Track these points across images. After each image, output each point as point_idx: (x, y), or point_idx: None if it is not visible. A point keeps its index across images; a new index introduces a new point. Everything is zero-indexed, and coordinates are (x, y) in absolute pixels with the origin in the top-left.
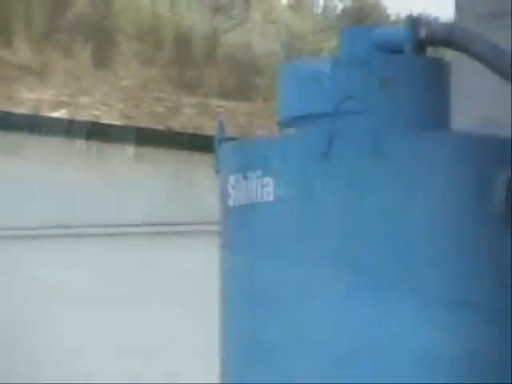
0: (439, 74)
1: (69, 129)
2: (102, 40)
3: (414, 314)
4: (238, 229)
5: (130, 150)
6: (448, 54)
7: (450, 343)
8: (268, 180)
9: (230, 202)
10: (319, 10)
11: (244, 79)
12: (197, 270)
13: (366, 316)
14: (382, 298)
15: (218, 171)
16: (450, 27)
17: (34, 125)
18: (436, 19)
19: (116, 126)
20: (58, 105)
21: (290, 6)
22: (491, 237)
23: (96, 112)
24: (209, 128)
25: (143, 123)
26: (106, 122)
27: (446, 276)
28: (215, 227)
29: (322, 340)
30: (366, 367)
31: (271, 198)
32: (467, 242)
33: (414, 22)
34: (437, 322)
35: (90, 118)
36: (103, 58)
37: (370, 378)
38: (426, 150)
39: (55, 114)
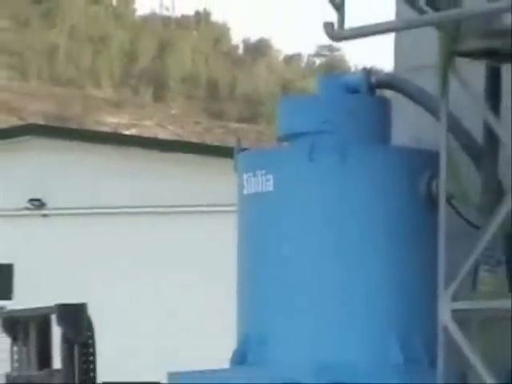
0: (384, 107)
1: (137, 141)
2: (158, 83)
3: (363, 269)
4: (250, 209)
5: (175, 155)
6: (388, 94)
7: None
8: (269, 176)
9: (245, 191)
10: (303, 64)
11: (253, 109)
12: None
13: (335, 270)
14: (346, 259)
15: (236, 170)
16: (391, 76)
17: (114, 139)
18: (381, 71)
19: (167, 140)
20: (131, 126)
21: (284, 60)
22: (418, 215)
23: (155, 131)
24: (230, 142)
25: (186, 138)
26: (163, 137)
27: (387, 244)
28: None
29: (308, 284)
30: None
31: (272, 189)
32: (402, 217)
33: (367, 72)
34: (378, 273)
35: (151, 135)
36: (159, 95)
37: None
38: (376, 158)
39: (128, 132)
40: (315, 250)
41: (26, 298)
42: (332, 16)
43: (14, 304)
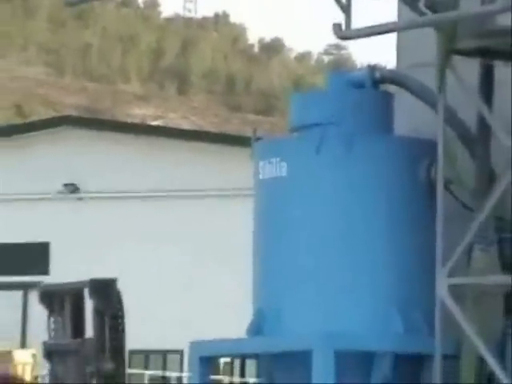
0: (387, 100)
1: (163, 131)
2: (182, 78)
3: (366, 249)
4: (265, 192)
5: (197, 144)
6: (391, 88)
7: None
8: (283, 163)
9: (260, 176)
10: (313, 61)
11: (268, 103)
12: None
13: (343, 250)
14: (352, 239)
15: (252, 158)
16: (393, 72)
17: (142, 129)
18: (384, 67)
19: (190, 130)
20: (157, 118)
21: (295, 58)
22: (418, 199)
23: (179, 122)
24: (247, 132)
25: (207, 129)
26: (185, 127)
27: (390, 225)
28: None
29: (318, 262)
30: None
31: (285, 174)
32: (404, 201)
33: (371, 69)
34: (380, 257)
35: (176, 126)
36: (183, 89)
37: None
38: (380, 147)
39: (155, 123)
40: (324, 231)
41: (61, 273)
42: (339, 17)
43: (51, 279)
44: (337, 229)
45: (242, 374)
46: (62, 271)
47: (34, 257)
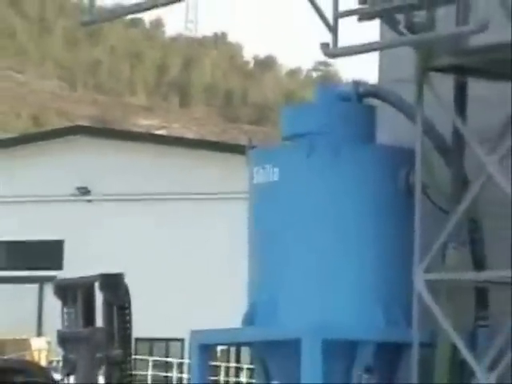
0: (370, 113)
1: (167, 140)
2: (184, 92)
3: (348, 249)
4: (259, 195)
5: (196, 151)
6: (374, 102)
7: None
8: (276, 169)
9: (255, 181)
10: (303, 76)
11: (261, 114)
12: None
13: (330, 249)
14: (339, 239)
15: (247, 164)
16: (375, 87)
17: (147, 138)
18: (368, 82)
19: (189, 138)
20: (161, 127)
21: (287, 73)
22: (398, 203)
23: (181, 131)
24: (242, 140)
25: (207, 138)
26: (188, 137)
27: (374, 226)
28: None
29: (307, 259)
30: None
31: (277, 179)
32: (385, 204)
33: (356, 84)
34: (362, 253)
35: (178, 135)
36: (184, 102)
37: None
38: (363, 155)
39: (159, 132)
40: (313, 231)
41: (73, 268)
42: (327, 37)
43: (64, 273)
44: (325, 229)
45: (238, 361)
46: (75, 266)
47: (49, 253)
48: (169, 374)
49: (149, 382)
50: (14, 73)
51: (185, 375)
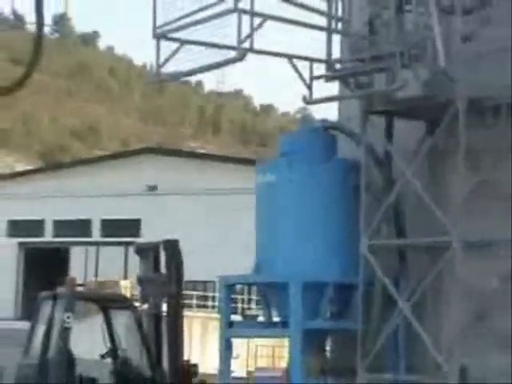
0: (332, 140)
1: (205, 156)
2: (215, 126)
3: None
4: (261, 191)
5: (224, 164)
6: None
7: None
8: (272, 175)
9: (259, 182)
10: (290, 116)
11: (264, 140)
12: None
13: (303, 226)
14: (311, 219)
15: (256, 171)
16: (335, 123)
17: (193, 154)
18: (330, 120)
19: (220, 155)
20: (201, 148)
21: (281, 114)
22: (350, 196)
23: (214, 150)
24: (254, 157)
25: (230, 155)
26: (217, 154)
27: (335, 209)
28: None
29: (287, 232)
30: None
31: (272, 181)
32: (342, 198)
33: (324, 121)
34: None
35: (212, 153)
36: (215, 132)
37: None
38: (327, 167)
39: (201, 151)
40: (296, 214)
41: (147, 236)
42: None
43: (141, 240)
44: (302, 213)
45: (249, 294)
46: (149, 235)
47: (131, 226)
48: (207, 303)
49: (193, 307)
50: (111, 116)
51: (216, 303)
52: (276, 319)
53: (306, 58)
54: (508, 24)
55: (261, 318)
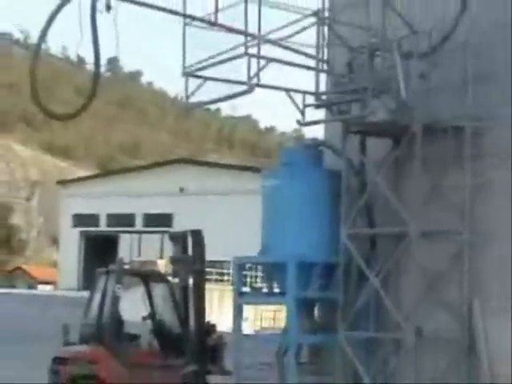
0: (320, 154)
1: (222, 165)
2: (230, 142)
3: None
4: (266, 192)
5: (238, 171)
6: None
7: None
8: (275, 180)
9: (264, 185)
10: (287, 136)
11: (269, 154)
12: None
13: (298, 218)
14: (306, 214)
15: (262, 177)
16: (323, 141)
17: (213, 164)
18: (319, 139)
19: (234, 164)
20: (219, 160)
21: (279, 133)
22: (335, 196)
23: (229, 161)
24: (260, 166)
25: (242, 164)
26: (233, 163)
27: (322, 206)
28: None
29: (286, 223)
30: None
31: (275, 184)
32: (328, 198)
33: (314, 139)
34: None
35: (228, 163)
36: (230, 147)
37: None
38: (318, 175)
39: (220, 161)
40: (292, 209)
41: (178, 227)
42: (299, 115)
43: (173, 229)
44: (298, 209)
45: (256, 271)
46: (179, 226)
47: (165, 219)
48: (223, 278)
49: (212, 281)
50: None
51: (230, 278)
52: (276, 290)
53: (299, 91)
54: (453, 66)
55: (265, 290)
